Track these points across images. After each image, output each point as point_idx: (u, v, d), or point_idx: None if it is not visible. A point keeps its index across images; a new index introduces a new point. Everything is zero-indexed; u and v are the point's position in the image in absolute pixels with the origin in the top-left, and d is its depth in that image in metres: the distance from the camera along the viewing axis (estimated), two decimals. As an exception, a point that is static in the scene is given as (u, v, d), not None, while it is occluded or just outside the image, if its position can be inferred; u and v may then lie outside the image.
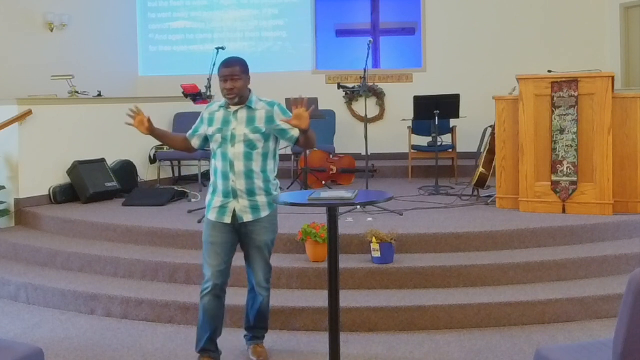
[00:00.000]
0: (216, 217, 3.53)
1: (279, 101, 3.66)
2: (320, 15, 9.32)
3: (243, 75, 3.50)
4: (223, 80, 3.48)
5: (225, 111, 3.55)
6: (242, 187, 3.48)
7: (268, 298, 3.70)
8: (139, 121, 3.57)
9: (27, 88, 7.60)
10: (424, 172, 7.89)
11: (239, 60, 3.55)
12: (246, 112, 3.52)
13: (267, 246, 3.60)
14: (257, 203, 3.51)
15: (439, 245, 4.79)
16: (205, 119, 3.63)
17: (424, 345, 3.86)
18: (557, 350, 2.74)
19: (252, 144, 3.48)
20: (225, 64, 3.50)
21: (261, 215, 3.53)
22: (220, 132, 3.51)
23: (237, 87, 3.46)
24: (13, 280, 4.95)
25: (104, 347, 3.96)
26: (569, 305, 4.17)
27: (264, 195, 3.53)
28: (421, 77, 8.93)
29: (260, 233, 3.54)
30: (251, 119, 3.50)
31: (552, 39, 8.63)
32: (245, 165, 3.47)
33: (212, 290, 3.50)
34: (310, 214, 5.22)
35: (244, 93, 3.51)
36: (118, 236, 5.42)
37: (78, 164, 6.64)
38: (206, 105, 3.71)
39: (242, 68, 3.51)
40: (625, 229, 5.06)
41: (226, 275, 3.55)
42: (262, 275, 3.62)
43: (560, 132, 5.41)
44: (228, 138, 3.49)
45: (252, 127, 3.48)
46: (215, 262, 3.50)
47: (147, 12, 9.68)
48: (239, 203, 3.50)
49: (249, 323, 3.75)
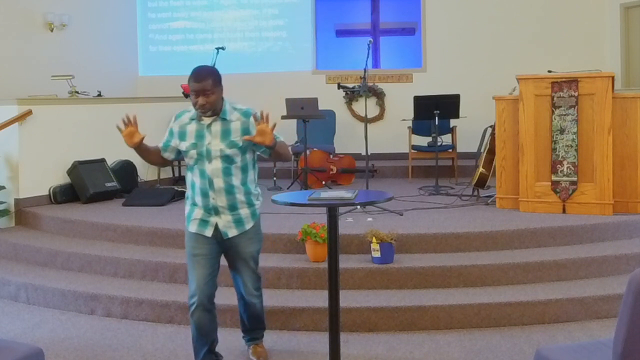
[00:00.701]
0: (197, 230, 3.39)
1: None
2: (320, 15, 9.32)
3: (215, 89, 3.26)
4: (194, 94, 3.24)
5: (197, 124, 3.33)
6: (223, 204, 3.34)
7: (261, 302, 3.63)
8: (129, 132, 3.31)
9: (27, 88, 7.60)
10: (424, 172, 7.90)
11: (211, 71, 3.30)
12: (220, 124, 3.31)
13: (253, 257, 3.49)
14: (240, 216, 3.39)
15: (439, 245, 4.78)
16: (175, 133, 3.41)
17: (424, 345, 3.86)
18: (557, 350, 2.74)
19: (230, 159, 3.31)
20: (195, 77, 3.24)
21: (246, 227, 3.41)
22: (195, 147, 3.32)
23: (209, 102, 3.24)
24: (13, 280, 4.95)
25: (104, 347, 3.96)
26: (569, 305, 4.17)
27: (246, 207, 3.40)
28: (421, 77, 8.93)
29: (246, 245, 3.43)
30: (226, 132, 3.30)
31: (552, 39, 8.63)
32: (225, 181, 3.31)
33: (199, 305, 3.34)
34: (310, 214, 5.22)
35: (218, 105, 3.29)
36: (118, 236, 5.42)
37: (78, 164, 6.64)
38: (174, 116, 3.45)
39: (214, 80, 3.25)
40: (625, 229, 5.06)
41: (212, 287, 3.40)
42: (251, 285, 3.52)
43: (560, 132, 5.41)
44: (204, 154, 3.30)
45: (227, 141, 3.29)
46: (200, 275, 3.34)
47: (147, 12, 9.68)
48: (222, 219, 3.36)
49: (245, 326, 3.71)
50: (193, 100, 3.28)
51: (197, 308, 3.35)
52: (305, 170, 6.56)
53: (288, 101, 6.93)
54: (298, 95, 7.09)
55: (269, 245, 4.88)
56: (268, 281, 4.49)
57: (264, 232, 4.84)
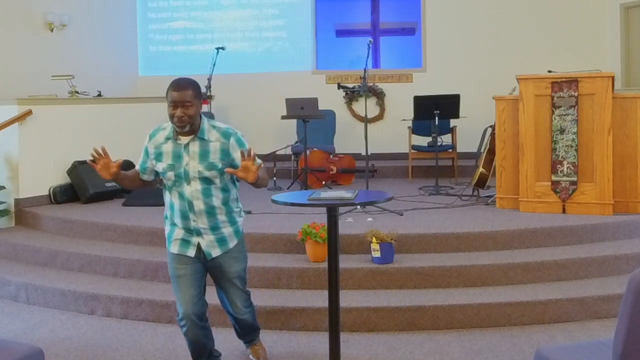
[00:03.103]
0: (179, 250, 3.26)
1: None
2: (320, 15, 9.31)
3: (195, 101, 3.09)
4: (172, 106, 3.07)
5: (174, 144, 3.17)
6: (204, 225, 3.22)
7: (252, 315, 3.57)
8: (104, 165, 3.10)
9: (27, 88, 7.60)
10: (424, 172, 7.89)
11: (191, 83, 3.14)
12: (198, 144, 3.15)
13: (240, 276, 3.38)
14: (223, 235, 3.28)
15: (439, 245, 4.78)
16: (151, 153, 3.24)
17: (424, 345, 3.86)
18: (557, 350, 2.74)
19: (209, 180, 3.17)
20: (174, 87, 3.08)
21: (229, 246, 3.30)
22: (173, 169, 3.16)
23: (188, 115, 3.07)
24: (13, 280, 4.95)
25: (104, 347, 3.96)
26: (569, 305, 4.17)
27: (229, 226, 3.29)
28: (421, 77, 8.93)
29: (230, 264, 3.32)
30: (204, 153, 3.15)
31: (552, 39, 8.63)
32: (206, 203, 3.18)
33: (191, 326, 3.25)
34: (310, 214, 5.22)
35: (196, 121, 3.12)
36: (118, 236, 5.42)
37: (78, 164, 6.63)
38: (149, 134, 3.26)
39: (194, 92, 3.11)
40: (625, 229, 5.06)
41: (201, 307, 3.29)
42: (239, 304, 3.43)
43: (560, 132, 5.41)
44: (182, 175, 3.16)
45: (206, 163, 3.14)
46: (187, 296, 3.23)
47: (147, 12, 9.67)
48: (204, 239, 3.25)
49: (239, 334, 3.68)
50: (170, 112, 3.09)
51: (190, 329, 3.28)
52: (305, 170, 6.56)
53: (288, 101, 6.93)
54: (298, 95, 7.09)
55: (269, 245, 4.89)
56: (268, 281, 4.50)
57: (264, 233, 4.92)
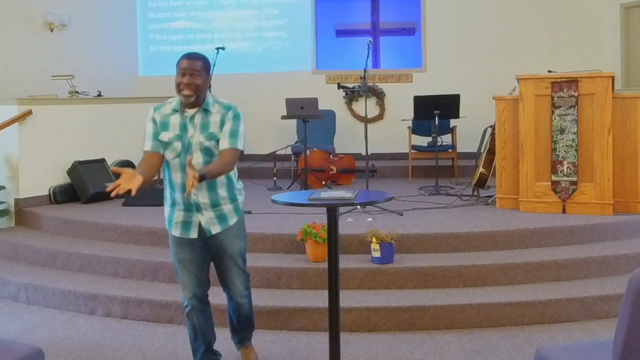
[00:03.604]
0: (180, 233, 3.31)
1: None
2: (320, 15, 9.31)
3: (203, 72, 3.21)
4: (181, 73, 3.18)
5: (181, 116, 3.24)
6: (205, 200, 3.25)
7: (249, 302, 3.56)
8: (127, 179, 3.20)
9: (27, 88, 7.60)
10: (424, 172, 7.89)
11: (202, 56, 3.28)
12: (202, 116, 3.24)
13: (241, 254, 3.41)
14: (223, 211, 3.30)
15: (439, 245, 4.79)
16: (157, 122, 3.28)
17: (424, 345, 3.86)
18: (557, 350, 2.74)
19: (210, 152, 3.22)
20: (186, 56, 3.24)
21: (229, 223, 3.32)
22: (180, 139, 3.22)
23: (194, 84, 3.16)
24: (13, 280, 4.95)
25: (104, 347, 3.96)
26: (569, 305, 4.17)
27: (229, 203, 3.32)
28: (421, 77, 8.93)
29: (231, 242, 3.34)
30: (205, 124, 3.23)
31: (552, 39, 8.63)
32: None
33: (193, 308, 3.36)
34: (310, 214, 5.22)
35: (201, 92, 3.22)
36: (118, 236, 5.42)
37: (78, 164, 6.64)
38: (153, 108, 3.33)
39: (204, 64, 3.24)
40: (625, 229, 5.06)
41: (204, 288, 3.40)
42: (239, 285, 3.44)
43: (560, 132, 5.41)
44: (186, 146, 3.22)
45: (206, 133, 3.22)
46: (189, 280, 3.33)
47: (147, 12, 9.67)
48: (204, 215, 3.27)
49: (234, 327, 3.65)
50: (177, 79, 3.18)
51: (191, 310, 3.37)
52: (305, 170, 6.56)
53: (288, 101, 6.93)
54: (298, 95, 7.09)
55: (269, 245, 4.89)
56: (268, 281, 4.50)
57: (264, 233, 4.92)
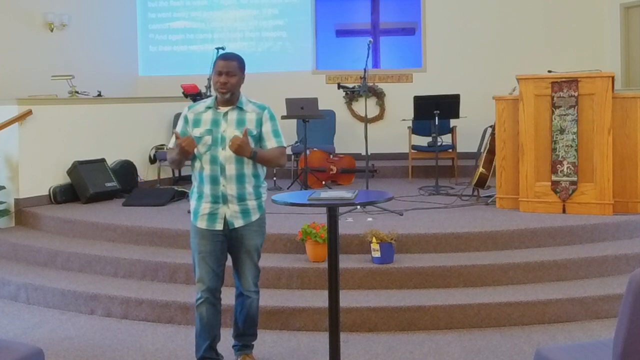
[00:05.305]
0: (207, 225, 3.41)
1: (269, 104, 3.54)
2: (320, 15, 9.32)
3: (239, 72, 3.41)
4: (217, 73, 3.38)
5: (214, 112, 3.43)
6: (232, 192, 3.37)
7: (257, 301, 3.60)
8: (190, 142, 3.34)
9: (27, 88, 7.60)
10: (424, 172, 7.89)
11: (237, 57, 3.47)
12: (236, 113, 3.42)
13: (257, 250, 3.52)
14: (247, 207, 3.43)
15: (439, 245, 4.79)
16: (190, 120, 3.47)
17: (424, 345, 3.86)
18: (557, 350, 2.74)
19: None
20: (222, 57, 3.44)
21: (252, 219, 3.45)
22: (210, 133, 3.38)
23: (230, 83, 3.36)
24: (13, 280, 4.95)
25: (104, 347, 3.96)
26: (569, 305, 4.17)
27: (254, 199, 3.45)
28: (421, 77, 8.93)
29: (251, 237, 3.46)
30: (241, 121, 3.41)
31: (552, 39, 8.63)
32: (237, 169, 3.36)
33: (206, 299, 3.44)
34: (310, 214, 5.22)
35: (237, 91, 3.42)
36: (118, 236, 5.42)
37: (78, 164, 6.64)
38: (187, 107, 3.55)
39: (239, 64, 3.42)
40: (625, 229, 5.07)
41: (219, 282, 3.48)
42: (251, 279, 3.52)
43: (560, 132, 5.41)
44: (218, 140, 3.37)
45: (242, 128, 3.37)
46: (207, 272, 3.42)
47: (147, 12, 9.67)
48: (229, 208, 3.39)
49: (238, 330, 3.64)
50: (214, 79, 3.39)
51: (203, 302, 3.44)
52: (305, 170, 6.57)
53: (288, 101, 6.93)
54: (298, 95, 7.09)
55: (269, 245, 4.87)
56: (268, 281, 4.49)
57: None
